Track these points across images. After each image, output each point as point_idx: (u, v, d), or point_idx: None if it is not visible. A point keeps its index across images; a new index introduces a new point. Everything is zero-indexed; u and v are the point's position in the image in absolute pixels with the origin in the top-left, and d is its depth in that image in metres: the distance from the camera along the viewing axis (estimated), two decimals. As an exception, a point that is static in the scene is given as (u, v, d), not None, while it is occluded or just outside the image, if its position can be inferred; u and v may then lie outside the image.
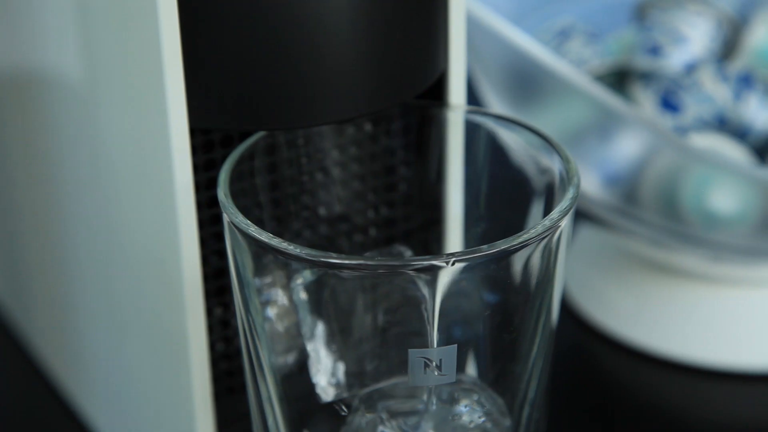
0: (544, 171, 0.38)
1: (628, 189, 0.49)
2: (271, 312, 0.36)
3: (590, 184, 0.49)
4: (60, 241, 0.46)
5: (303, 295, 0.36)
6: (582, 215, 0.51)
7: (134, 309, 0.41)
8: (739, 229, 0.47)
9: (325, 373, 0.37)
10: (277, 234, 0.34)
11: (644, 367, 0.51)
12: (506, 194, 0.40)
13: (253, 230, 0.34)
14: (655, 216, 0.48)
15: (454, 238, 0.41)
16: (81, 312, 0.46)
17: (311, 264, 0.34)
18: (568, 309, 0.54)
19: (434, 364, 0.34)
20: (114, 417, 0.46)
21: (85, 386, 0.48)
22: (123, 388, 0.44)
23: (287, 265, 0.35)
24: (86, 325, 0.46)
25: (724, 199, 0.47)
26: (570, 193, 0.35)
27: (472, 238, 0.41)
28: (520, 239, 0.34)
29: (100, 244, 0.43)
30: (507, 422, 0.36)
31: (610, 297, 0.53)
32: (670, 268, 0.52)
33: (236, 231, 0.35)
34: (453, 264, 0.33)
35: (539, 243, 0.34)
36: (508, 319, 0.36)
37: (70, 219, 0.45)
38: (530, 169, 0.39)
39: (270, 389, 0.36)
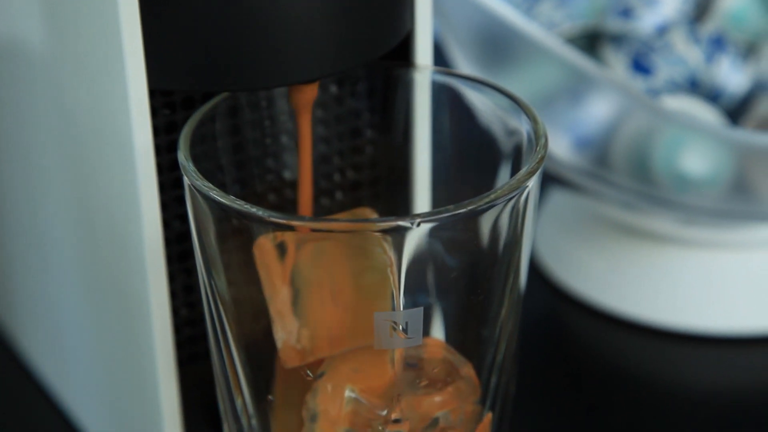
0: (512, 133, 0.37)
1: (599, 152, 0.48)
2: (235, 277, 0.36)
3: (561, 147, 0.49)
4: (27, 208, 0.45)
5: (266, 260, 0.35)
6: (553, 179, 0.51)
7: (99, 276, 0.41)
8: (710, 191, 0.47)
9: (290, 339, 0.36)
10: (241, 198, 0.34)
11: (615, 331, 0.51)
12: (474, 157, 0.39)
13: (215, 193, 0.34)
14: (626, 179, 0.48)
15: (422, 201, 0.40)
16: (48, 280, 0.46)
17: (275, 227, 0.33)
18: (538, 273, 0.53)
19: (400, 327, 0.34)
20: (79, 386, 0.45)
21: (51, 355, 0.47)
22: (89, 357, 0.44)
23: (250, 228, 0.34)
24: (53, 293, 0.45)
25: (696, 161, 0.46)
26: (538, 153, 0.35)
27: (439, 201, 0.40)
28: (487, 199, 0.33)
29: (67, 210, 0.42)
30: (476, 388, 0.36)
31: (581, 261, 0.53)
32: (642, 231, 0.51)
33: (197, 194, 0.34)
34: (419, 225, 0.33)
35: (507, 203, 0.34)
36: (476, 282, 0.35)
37: (37, 186, 0.44)
38: (498, 131, 0.38)
39: (234, 355, 0.36)
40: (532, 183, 0.34)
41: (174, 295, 0.39)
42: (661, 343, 0.50)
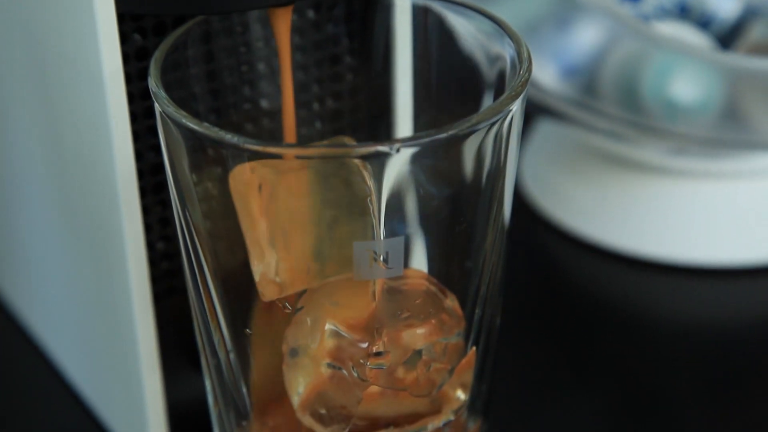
0: (495, 59, 0.36)
1: (586, 80, 0.48)
2: (210, 209, 0.35)
3: (548, 75, 0.48)
4: (3, 148, 0.44)
5: (243, 191, 0.34)
6: (539, 109, 0.50)
7: (72, 211, 0.40)
8: (701, 119, 0.46)
9: (268, 271, 0.35)
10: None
11: (602, 263, 0.50)
12: (456, 84, 0.38)
13: (188, 120, 0.32)
14: (614, 107, 0.47)
15: (404, 129, 0.39)
16: (21, 216, 0.45)
17: (251, 155, 0.32)
18: (525, 206, 0.53)
19: (381, 257, 0.33)
20: (55, 322, 0.45)
21: (25, 291, 0.47)
22: (64, 293, 0.43)
23: (225, 157, 0.33)
24: (26, 230, 0.45)
25: (686, 87, 0.46)
26: (521, 76, 0.34)
27: (421, 129, 0.39)
28: (469, 123, 0.32)
29: (39, 142, 0.41)
30: (460, 319, 0.35)
31: (569, 193, 0.52)
32: (631, 162, 0.51)
33: (169, 122, 0.33)
34: (398, 150, 0.31)
35: (490, 129, 0.33)
36: (459, 211, 0.35)
37: (7, 118, 0.43)
38: (481, 58, 0.37)
39: (211, 289, 0.35)
40: (516, 107, 0.33)
41: (149, 228, 0.38)
42: (649, 275, 0.50)
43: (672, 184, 0.50)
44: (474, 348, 0.36)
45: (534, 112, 0.51)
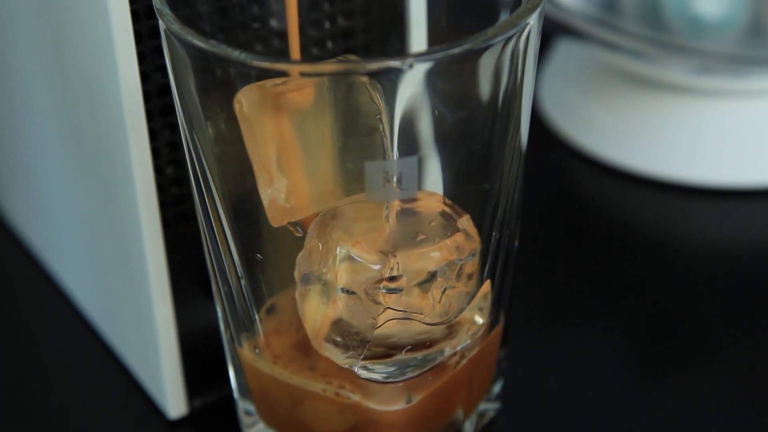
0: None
1: (608, -3, 0.47)
2: (218, 132, 0.34)
3: (568, -7, 0.47)
4: (4, 69, 0.44)
5: (249, 115, 0.33)
6: (558, 28, 0.49)
7: (80, 136, 0.39)
8: (725, 35, 0.45)
9: (276, 197, 0.34)
10: (224, 47, 0.32)
11: (623, 186, 0.49)
12: (473, 4, 0.37)
13: (193, 38, 0.31)
14: (636, 25, 0.47)
15: (418, 49, 0.38)
16: (28, 143, 0.44)
17: (258, 72, 0.31)
18: (544, 128, 0.52)
19: (394, 177, 0.32)
20: (64, 251, 0.44)
21: (35, 220, 0.46)
22: (73, 220, 0.42)
23: (232, 77, 0.32)
24: (34, 156, 0.44)
25: (711, 2, 0.45)
26: (539, -12, 0.32)
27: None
28: (485, 37, 0.31)
29: (43, 66, 0.40)
30: (475, 242, 0.34)
31: (590, 115, 0.51)
32: (654, 82, 0.50)
33: (174, 41, 0.32)
34: (411, 66, 0.30)
35: (506, 44, 0.32)
36: (474, 130, 0.34)
37: (13, 45, 0.42)
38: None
39: (221, 214, 0.34)
40: (533, 21, 0.32)
41: (157, 152, 0.37)
42: (672, 198, 0.49)
43: (695, 104, 0.49)
44: (491, 272, 0.35)
45: (553, 31, 0.50)
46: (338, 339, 0.34)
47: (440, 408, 0.36)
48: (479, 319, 0.35)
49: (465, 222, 0.34)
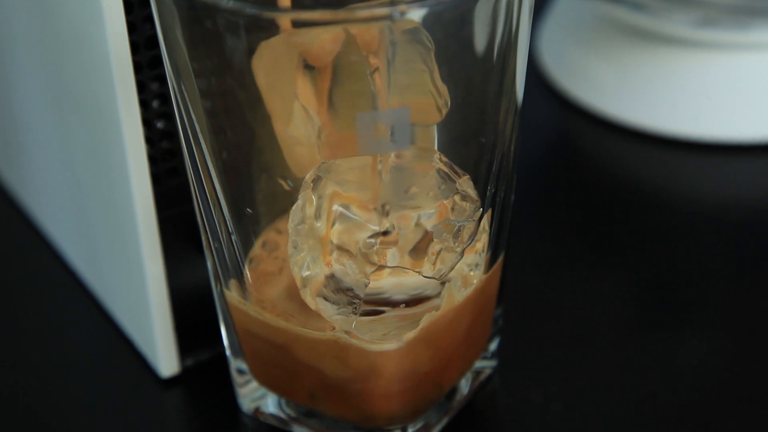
0: None
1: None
2: (207, 86, 0.33)
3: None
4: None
5: (241, 68, 0.33)
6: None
7: (67, 88, 0.39)
8: None
9: (269, 152, 0.34)
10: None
11: (624, 141, 0.49)
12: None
13: (180, -15, 0.31)
14: None
15: None
16: (17, 97, 0.43)
17: (247, 21, 0.30)
18: (543, 82, 0.51)
19: (387, 130, 0.31)
20: (56, 210, 0.44)
21: (22, 174, 0.46)
22: (60, 176, 0.42)
23: (221, 28, 0.31)
24: (23, 111, 0.43)
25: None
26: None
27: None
28: (478, -16, 0.30)
29: (28, 16, 0.39)
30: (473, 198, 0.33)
31: (590, 69, 0.51)
32: (654, 35, 0.49)
33: (160, -11, 0.31)
34: (403, 15, 0.30)
35: (500, -7, 0.31)
36: (469, 82, 0.33)
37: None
38: None
39: (210, 168, 0.34)
40: (529, -31, 0.31)
41: (146, 105, 0.37)
42: (673, 153, 0.48)
43: (698, 58, 0.49)
44: (487, 227, 0.35)
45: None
46: (330, 295, 0.33)
47: (433, 354, 0.35)
48: (473, 274, 0.34)
49: (462, 178, 0.33)
